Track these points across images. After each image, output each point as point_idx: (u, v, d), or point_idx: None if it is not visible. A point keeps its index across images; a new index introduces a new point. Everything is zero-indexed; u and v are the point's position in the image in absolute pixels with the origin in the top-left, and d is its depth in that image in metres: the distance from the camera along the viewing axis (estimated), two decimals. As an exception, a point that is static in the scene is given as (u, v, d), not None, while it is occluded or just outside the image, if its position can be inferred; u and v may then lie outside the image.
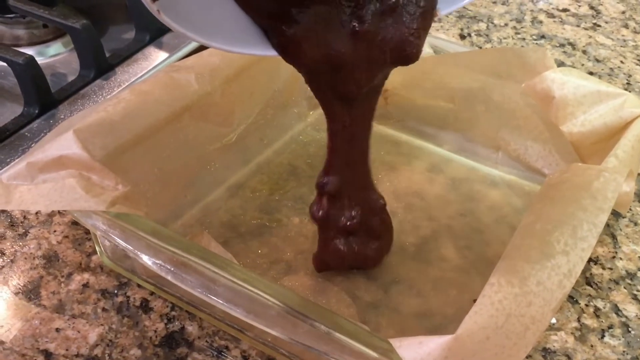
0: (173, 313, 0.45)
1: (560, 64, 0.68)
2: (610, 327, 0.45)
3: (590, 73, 0.67)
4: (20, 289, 0.46)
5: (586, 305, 0.47)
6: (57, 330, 0.44)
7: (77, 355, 0.42)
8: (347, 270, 0.47)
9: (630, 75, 0.67)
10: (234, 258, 0.42)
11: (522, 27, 0.74)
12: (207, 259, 0.39)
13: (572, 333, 0.45)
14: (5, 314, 0.45)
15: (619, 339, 0.45)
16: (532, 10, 0.77)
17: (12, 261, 0.48)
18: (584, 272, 0.49)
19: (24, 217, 0.51)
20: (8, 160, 0.55)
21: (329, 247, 0.46)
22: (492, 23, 0.75)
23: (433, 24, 0.40)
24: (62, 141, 0.43)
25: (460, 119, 0.57)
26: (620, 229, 0.52)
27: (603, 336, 0.45)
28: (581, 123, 0.49)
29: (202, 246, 0.41)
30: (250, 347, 0.43)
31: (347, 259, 0.47)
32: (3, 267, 0.48)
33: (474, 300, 0.35)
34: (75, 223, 0.51)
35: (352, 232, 0.46)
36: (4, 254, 0.48)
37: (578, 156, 0.51)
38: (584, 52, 0.71)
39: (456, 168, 0.57)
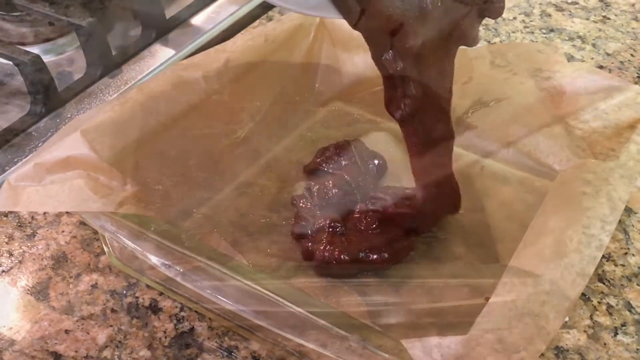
0: (182, 313, 0.45)
1: (570, 57, 0.68)
2: (624, 324, 0.45)
3: (600, 67, 0.67)
4: (29, 290, 0.46)
5: (599, 302, 0.46)
6: (66, 331, 0.44)
7: (86, 357, 0.42)
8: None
9: (640, 69, 0.67)
10: (243, 258, 0.42)
11: (530, 21, 0.74)
12: (216, 259, 0.38)
13: (584, 331, 0.45)
14: (14, 315, 0.45)
15: (633, 337, 0.44)
16: (540, 4, 0.76)
17: (20, 262, 0.48)
18: (596, 268, 0.48)
19: (32, 218, 0.51)
20: (15, 160, 0.55)
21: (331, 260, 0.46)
22: (501, 17, 0.74)
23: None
24: (69, 142, 0.43)
25: (471, 115, 0.56)
26: (633, 225, 0.51)
27: (616, 334, 0.44)
28: (592, 118, 0.48)
29: (211, 247, 0.41)
30: (260, 348, 0.43)
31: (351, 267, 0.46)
32: (12, 268, 0.47)
33: (486, 299, 0.35)
34: (83, 223, 0.50)
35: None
36: (12, 255, 0.48)
37: (589, 152, 0.50)
38: (594, 45, 0.70)
39: (467, 164, 0.56)
